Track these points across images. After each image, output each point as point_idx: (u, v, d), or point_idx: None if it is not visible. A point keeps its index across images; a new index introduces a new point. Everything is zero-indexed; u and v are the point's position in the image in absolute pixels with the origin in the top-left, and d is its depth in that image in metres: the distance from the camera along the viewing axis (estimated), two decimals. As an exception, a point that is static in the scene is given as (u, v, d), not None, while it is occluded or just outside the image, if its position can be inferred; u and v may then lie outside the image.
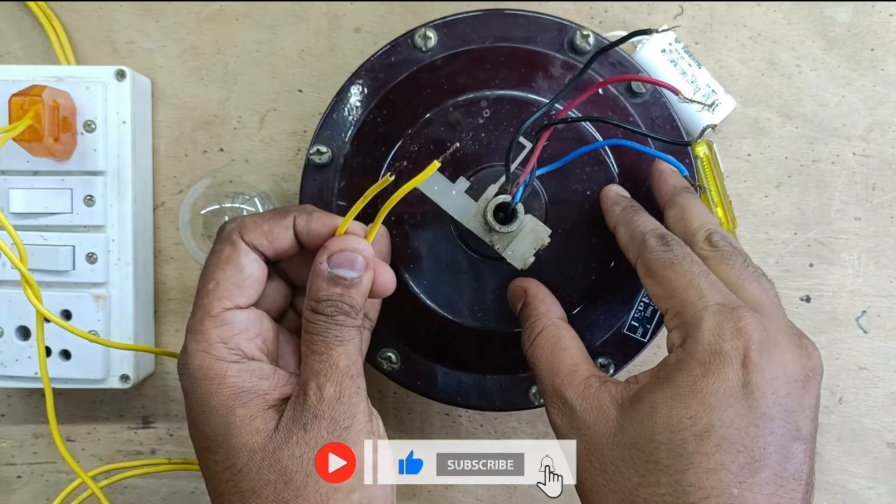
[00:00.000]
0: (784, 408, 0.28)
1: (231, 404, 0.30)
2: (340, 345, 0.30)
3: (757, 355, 0.28)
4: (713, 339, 0.28)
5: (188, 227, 0.42)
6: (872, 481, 0.46)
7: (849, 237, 0.45)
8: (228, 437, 0.30)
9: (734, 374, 0.28)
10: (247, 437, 0.29)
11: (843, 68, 0.45)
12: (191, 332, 0.31)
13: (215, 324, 0.31)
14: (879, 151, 0.45)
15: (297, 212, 0.33)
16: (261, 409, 0.30)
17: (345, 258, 0.31)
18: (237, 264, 0.31)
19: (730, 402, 0.27)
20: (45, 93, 0.38)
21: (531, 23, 0.40)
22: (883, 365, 0.46)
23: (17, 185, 0.42)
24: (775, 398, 0.28)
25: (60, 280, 0.42)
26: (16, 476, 0.47)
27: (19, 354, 0.42)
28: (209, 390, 0.30)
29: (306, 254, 0.33)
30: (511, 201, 0.33)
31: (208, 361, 0.30)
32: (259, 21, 0.45)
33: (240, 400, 0.30)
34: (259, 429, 0.30)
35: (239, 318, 0.31)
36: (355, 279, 0.31)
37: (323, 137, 0.40)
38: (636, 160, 0.40)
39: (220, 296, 0.31)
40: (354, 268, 0.31)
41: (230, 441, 0.30)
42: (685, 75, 0.42)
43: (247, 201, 0.42)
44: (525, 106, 0.39)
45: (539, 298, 0.36)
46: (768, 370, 0.28)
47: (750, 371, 0.28)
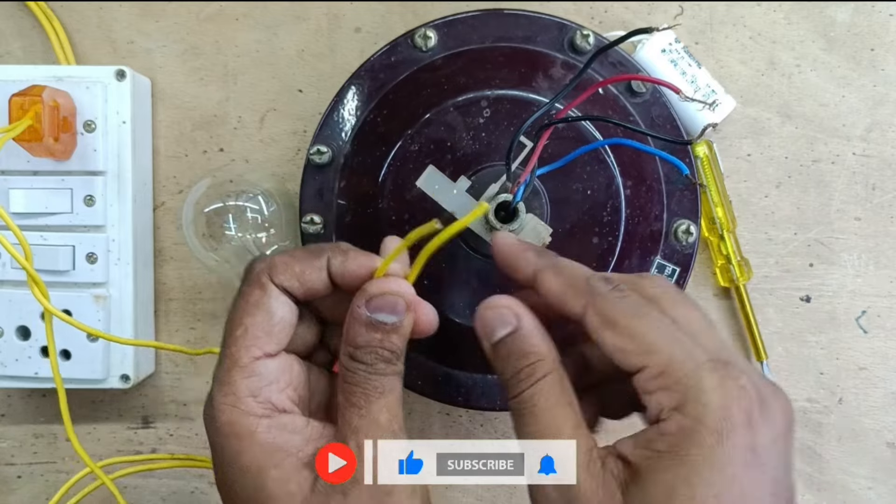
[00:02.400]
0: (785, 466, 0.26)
1: (263, 465, 0.28)
2: (381, 397, 0.28)
3: (758, 415, 0.25)
4: (721, 401, 0.25)
5: (192, 225, 0.41)
6: (872, 481, 0.46)
7: (849, 237, 0.45)
8: (262, 501, 0.28)
9: (743, 440, 0.25)
10: (282, 500, 0.28)
11: (843, 68, 0.45)
12: (218, 384, 0.29)
13: (244, 374, 0.29)
14: (879, 151, 0.45)
15: (330, 251, 0.31)
16: (295, 469, 0.28)
17: (385, 302, 0.29)
18: (267, 309, 0.29)
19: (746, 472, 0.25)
20: (45, 93, 0.38)
21: (531, 23, 0.40)
22: (883, 365, 0.46)
23: (17, 185, 0.42)
24: (778, 458, 0.26)
25: (60, 280, 0.42)
26: (16, 476, 0.47)
27: (19, 354, 0.42)
28: (239, 448, 0.28)
29: (340, 292, 0.31)
30: (512, 200, 0.33)
31: (236, 416, 0.28)
32: (259, 21, 0.45)
33: (272, 460, 0.28)
34: (293, 492, 0.28)
35: (269, 369, 0.29)
36: (396, 323, 0.29)
37: (323, 137, 0.40)
38: (636, 159, 0.40)
39: (249, 344, 0.29)
40: (396, 312, 0.29)
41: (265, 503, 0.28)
42: (685, 75, 0.42)
43: (250, 199, 0.42)
44: (525, 106, 0.39)
45: (538, 331, 0.29)
46: (770, 429, 0.26)
47: (756, 434, 0.25)
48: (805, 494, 0.46)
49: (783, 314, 0.45)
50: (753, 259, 0.45)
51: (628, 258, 0.40)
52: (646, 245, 0.40)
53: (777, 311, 0.45)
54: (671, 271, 0.41)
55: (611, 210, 0.39)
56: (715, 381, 0.25)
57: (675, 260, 0.41)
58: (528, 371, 0.28)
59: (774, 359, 0.45)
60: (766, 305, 0.45)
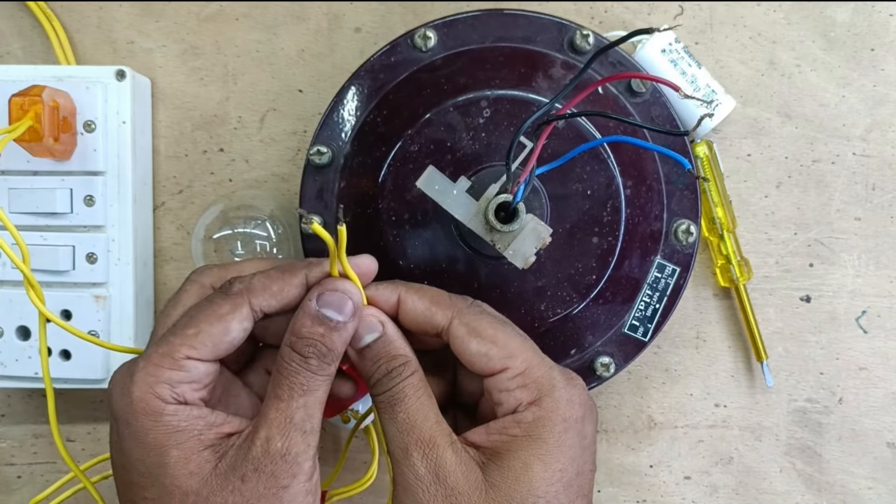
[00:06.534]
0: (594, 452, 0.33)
1: (165, 444, 0.29)
2: (304, 395, 0.30)
3: (587, 412, 0.32)
4: (569, 396, 0.31)
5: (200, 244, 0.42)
6: (872, 481, 0.46)
7: (849, 237, 0.45)
8: (162, 478, 0.29)
9: (579, 428, 0.32)
10: (181, 480, 0.29)
11: (843, 68, 0.45)
12: (145, 361, 0.30)
13: (172, 366, 0.30)
14: (879, 151, 0.45)
15: (306, 268, 0.32)
16: (195, 450, 0.30)
17: (335, 298, 0.31)
18: (226, 326, 0.31)
19: (580, 452, 0.32)
20: (45, 93, 0.38)
21: (531, 23, 0.40)
22: (883, 365, 0.46)
23: (17, 185, 0.42)
24: (592, 445, 0.33)
25: (60, 280, 0.42)
26: (16, 476, 0.47)
27: (19, 354, 0.42)
28: (146, 426, 0.29)
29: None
30: (512, 200, 0.33)
31: (150, 396, 0.30)
32: (259, 21, 0.45)
33: (174, 440, 0.29)
34: (193, 472, 0.29)
35: (197, 370, 0.30)
36: (340, 323, 0.31)
37: (323, 138, 0.40)
38: (636, 158, 0.40)
39: (193, 345, 0.30)
40: (342, 311, 0.31)
41: (164, 481, 0.29)
42: (685, 75, 0.42)
43: (258, 225, 0.42)
44: (525, 105, 0.39)
45: (400, 335, 0.33)
46: (592, 424, 0.33)
47: (585, 425, 0.32)
48: (805, 494, 0.46)
49: (783, 314, 0.45)
50: (753, 259, 0.45)
51: (628, 258, 0.40)
52: (646, 245, 0.40)
53: (777, 311, 0.45)
54: (671, 271, 0.41)
55: (611, 210, 0.40)
56: (564, 382, 0.32)
57: (675, 260, 0.41)
58: (399, 370, 0.32)
59: (774, 359, 0.45)
60: (766, 305, 0.45)
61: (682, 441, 0.46)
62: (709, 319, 0.45)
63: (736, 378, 0.46)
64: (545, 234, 0.34)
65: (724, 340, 0.45)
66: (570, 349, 0.41)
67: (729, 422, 0.46)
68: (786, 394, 0.46)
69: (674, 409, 0.46)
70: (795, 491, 0.46)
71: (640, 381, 0.46)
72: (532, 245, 0.34)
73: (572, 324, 0.40)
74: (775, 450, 0.46)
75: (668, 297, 0.41)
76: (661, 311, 0.41)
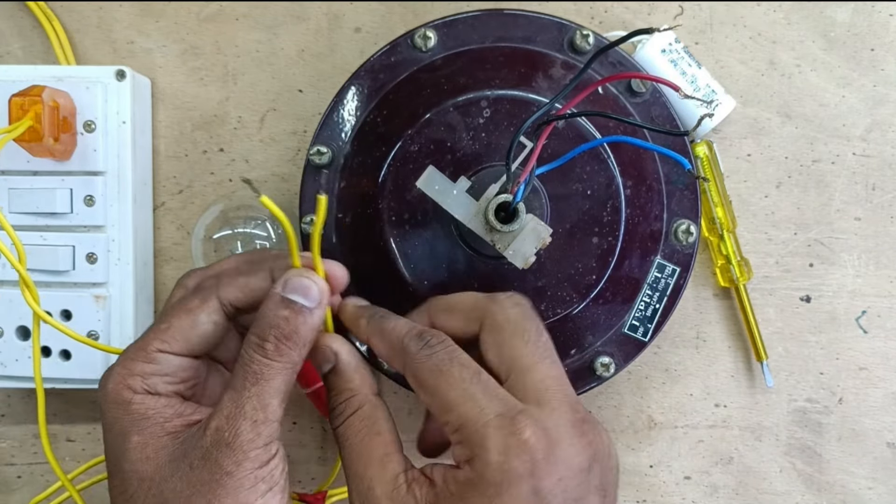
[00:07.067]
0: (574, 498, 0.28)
1: (129, 430, 0.30)
2: (255, 384, 0.30)
3: (543, 463, 0.28)
4: (500, 458, 0.28)
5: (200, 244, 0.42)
6: (872, 481, 0.46)
7: (849, 237, 0.45)
8: (122, 463, 0.30)
9: (526, 486, 0.28)
10: (138, 465, 0.30)
11: (843, 68, 0.45)
12: (122, 357, 0.31)
13: (145, 359, 0.31)
14: (879, 151, 0.45)
15: (272, 260, 0.33)
16: (155, 436, 0.30)
17: (300, 284, 0.31)
18: (195, 320, 0.32)
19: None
20: (45, 93, 0.38)
21: (531, 23, 0.40)
22: (883, 365, 0.45)
23: (17, 185, 0.42)
24: (564, 496, 0.28)
25: (60, 280, 0.42)
26: (16, 476, 0.47)
27: (19, 354, 0.42)
28: (116, 415, 0.30)
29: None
30: (512, 200, 0.33)
31: (121, 387, 0.31)
32: (259, 21, 0.45)
33: (137, 426, 0.30)
34: (150, 457, 0.30)
35: (169, 363, 0.31)
36: (305, 307, 0.30)
37: (323, 138, 0.40)
38: (636, 158, 0.40)
39: (164, 338, 0.31)
40: (308, 297, 0.31)
41: (123, 467, 0.30)
42: (685, 75, 0.42)
43: (258, 225, 0.42)
44: (525, 106, 0.39)
45: (353, 367, 0.32)
46: (555, 472, 0.28)
47: (539, 478, 0.28)
48: (805, 494, 0.46)
49: (783, 314, 0.45)
50: (753, 259, 0.45)
51: (628, 258, 0.40)
52: (646, 245, 0.40)
53: (777, 311, 0.45)
54: (671, 271, 0.41)
55: (611, 210, 0.40)
56: (497, 439, 0.28)
57: (675, 260, 0.41)
58: (341, 408, 0.32)
59: (774, 359, 0.45)
60: (766, 305, 0.45)
61: (682, 441, 0.46)
62: (709, 319, 0.45)
63: (736, 378, 0.46)
64: (545, 234, 0.34)
65: (724, 340, 0.46)
66: (570, 349, 0.41)
67: (729, 422, 0.46)
68: (786, 394, 0.46)
69: (674, 409, 0.46)
70: (795, 491, 0.46)
71: (640, 381, 0.46)
72: (532, 245, 0.34)
73: (572, 324, 0.40)
74: (775, 450, 0.46)
75: (668, 297, 0.41)
76: (661, 311, 0.41)
